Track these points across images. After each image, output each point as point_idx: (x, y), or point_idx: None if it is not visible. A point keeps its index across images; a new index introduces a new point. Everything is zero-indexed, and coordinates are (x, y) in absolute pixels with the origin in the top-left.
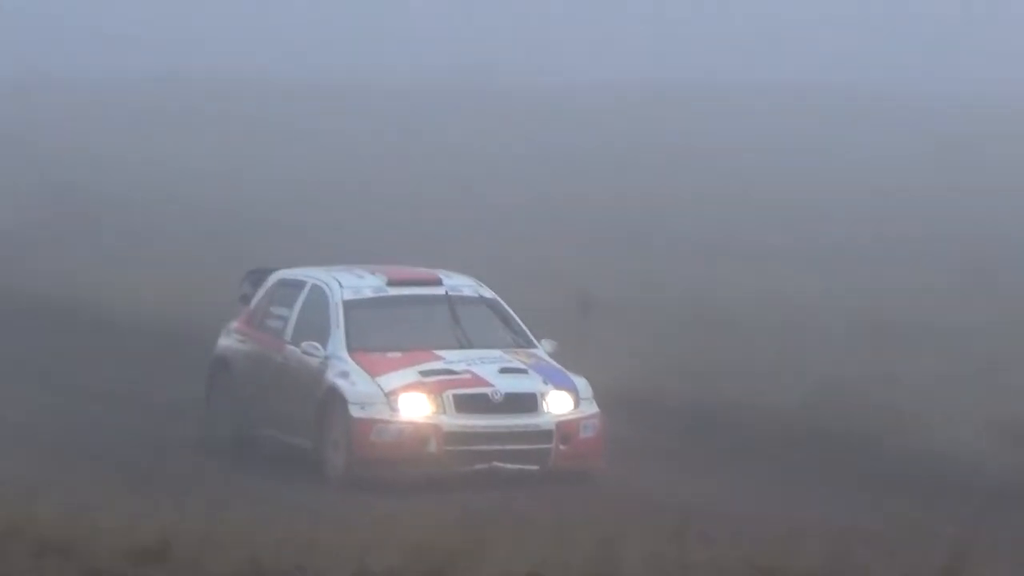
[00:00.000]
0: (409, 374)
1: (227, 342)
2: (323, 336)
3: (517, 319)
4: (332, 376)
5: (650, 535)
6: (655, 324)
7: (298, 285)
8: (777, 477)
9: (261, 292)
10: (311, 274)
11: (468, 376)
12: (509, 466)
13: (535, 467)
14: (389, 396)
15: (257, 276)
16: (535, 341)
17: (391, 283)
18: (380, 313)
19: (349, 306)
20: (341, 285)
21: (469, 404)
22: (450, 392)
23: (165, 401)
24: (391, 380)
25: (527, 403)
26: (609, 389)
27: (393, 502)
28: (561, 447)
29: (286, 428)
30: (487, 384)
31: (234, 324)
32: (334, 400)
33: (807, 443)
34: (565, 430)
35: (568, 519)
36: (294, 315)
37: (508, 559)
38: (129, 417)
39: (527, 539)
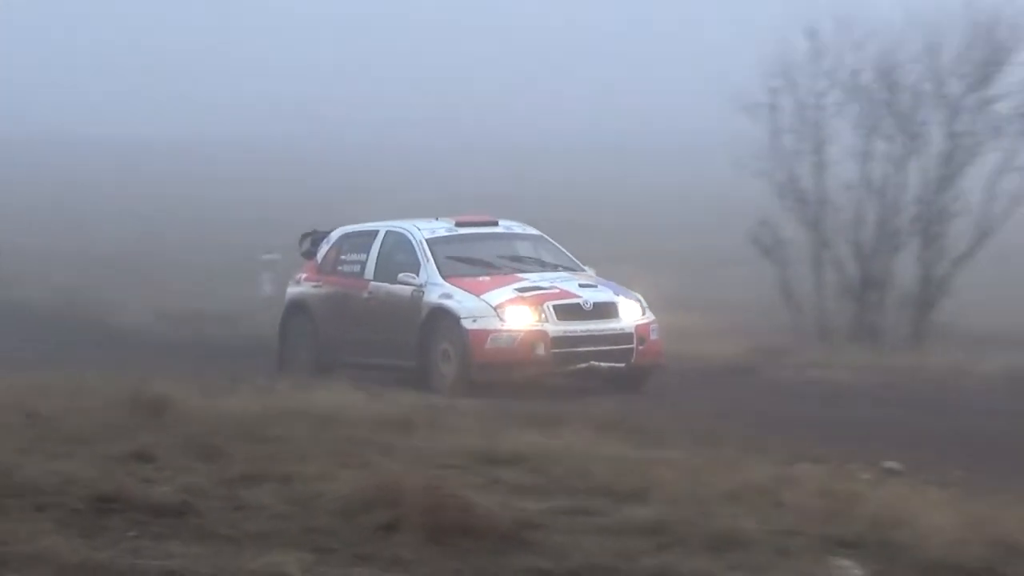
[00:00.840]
0: (507, 291)
1: (299, 289)
2: (413, 270)
3: (563, 249)
4: (435, 299)
5: None
6: None
7: (369, 234)
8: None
9: (326, 246)
10: (378, 225)
11: (557, 290)
12: (603, 364)
13: (622, 365)
14: (497, 309)
15: (315, 236)
16: (583, 266)
17: (459, 224)
18: (459, 247)
19: (432, 243)
20: (419, 228)
21: (567, 313)
22: (549, 303)
23: None
24: (494, 297)
25: (610, 310)
26: None
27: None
28: (639, 347)
29: (382, 352)
30: (576, 296)
31: (302, 275)
32: (442, 318)
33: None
34: (640, 332)
35: None
36: (372, 258)
37: None
38: None
39: None
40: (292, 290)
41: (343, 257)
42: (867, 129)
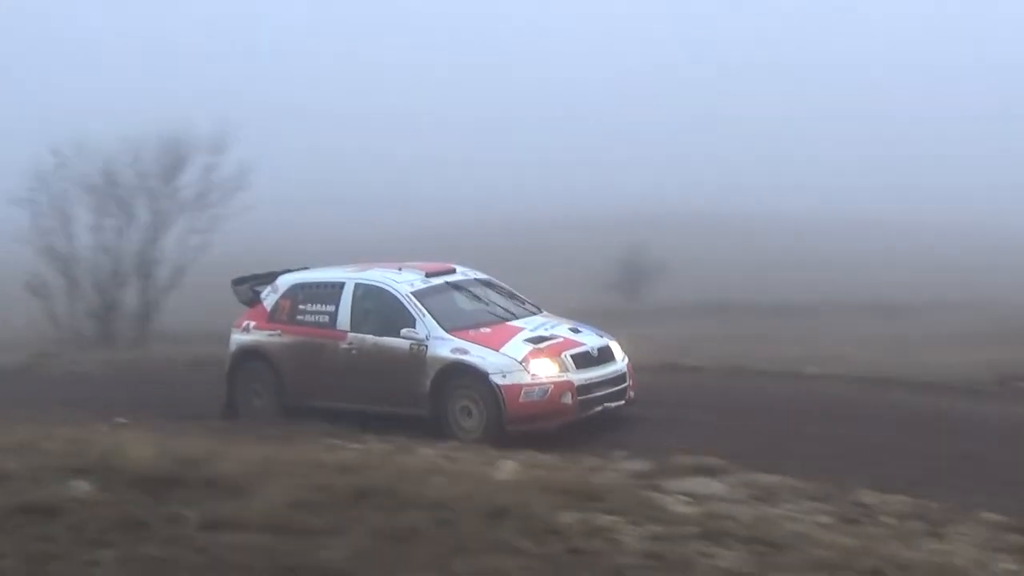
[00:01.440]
0: (519, 343)
1: (251, 337)
2: (404, 323)
3: (514, 291)
4: (447, 353)
5: None
6: None
7: (332, 286)
8: None
9: (274, 295)
10: (340, 276)
11: (562, 339)
12: (612, 405)
13: (623, 403)
14: (522, 363)
15: (253, 281)
16: (539, 307)
17: (428, 275)
18: (441, 298)
19: (418, 296)
20: (396, 280)
21: (582, 361)
22: (566, 353)
23: None
24: (512, 350)
25: (608, 354)
26: None
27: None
28: (630, 384)
29: (385, 400)
30: (580, 344)
31: (250, 323)
32: (463, 373)
33: None
34: (629, 370)
35: None
36: (344, 310)
37: None
38: None
39: None
40: (241, 337)
41: (301, 307)
42: (98, 211)
